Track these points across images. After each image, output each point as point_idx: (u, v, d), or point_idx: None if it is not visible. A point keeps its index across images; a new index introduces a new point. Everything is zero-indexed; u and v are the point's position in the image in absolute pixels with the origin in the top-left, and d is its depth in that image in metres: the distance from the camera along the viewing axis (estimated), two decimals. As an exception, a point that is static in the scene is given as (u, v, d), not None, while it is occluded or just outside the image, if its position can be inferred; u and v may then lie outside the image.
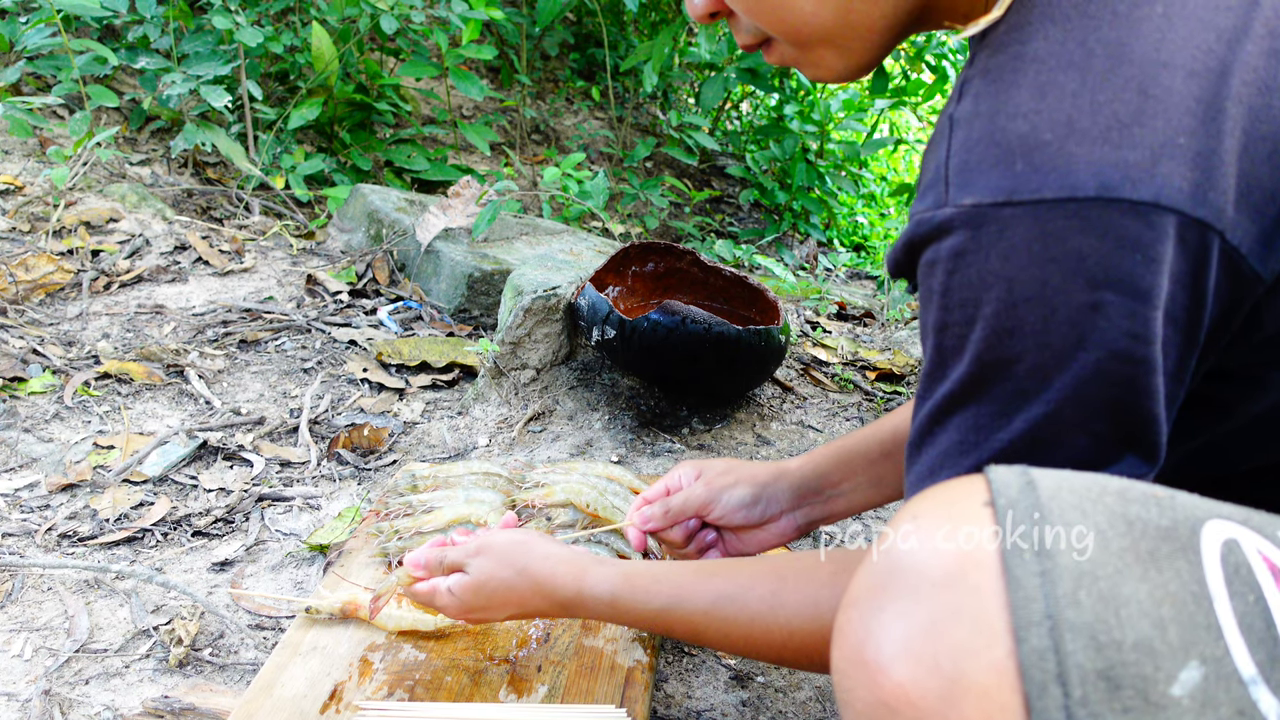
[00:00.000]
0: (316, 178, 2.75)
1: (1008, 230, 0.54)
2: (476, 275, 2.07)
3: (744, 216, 3.61)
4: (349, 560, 1.13)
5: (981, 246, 0.55)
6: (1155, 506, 0.47)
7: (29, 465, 1.43)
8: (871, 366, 1.97)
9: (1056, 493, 0.48)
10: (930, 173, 0.59)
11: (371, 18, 2.65)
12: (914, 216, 0.59)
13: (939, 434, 0.60)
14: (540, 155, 3.38)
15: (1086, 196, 0.52)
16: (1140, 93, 0.53)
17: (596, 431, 1.61)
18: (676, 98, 4.09)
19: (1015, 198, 0.53)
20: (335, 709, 0.89)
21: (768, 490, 0.98)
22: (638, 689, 0.94)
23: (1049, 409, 0.56)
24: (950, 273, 0.57)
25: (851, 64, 0.68)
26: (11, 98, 2.36)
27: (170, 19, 2.49)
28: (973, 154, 0.56)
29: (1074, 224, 0.52)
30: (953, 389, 0.59)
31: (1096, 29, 0.55)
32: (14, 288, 1.91)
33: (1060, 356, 0.54)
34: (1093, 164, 0.52)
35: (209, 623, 1.13)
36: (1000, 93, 0.56)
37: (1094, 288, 0.53)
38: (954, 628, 0.45)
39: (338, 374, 1.78)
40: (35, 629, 1.11)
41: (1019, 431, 0.57)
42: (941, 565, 0.47)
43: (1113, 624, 0.43)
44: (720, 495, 0.97)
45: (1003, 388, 0.57)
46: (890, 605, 0.48)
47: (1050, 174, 0.53)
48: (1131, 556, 0.45)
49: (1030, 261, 0.53)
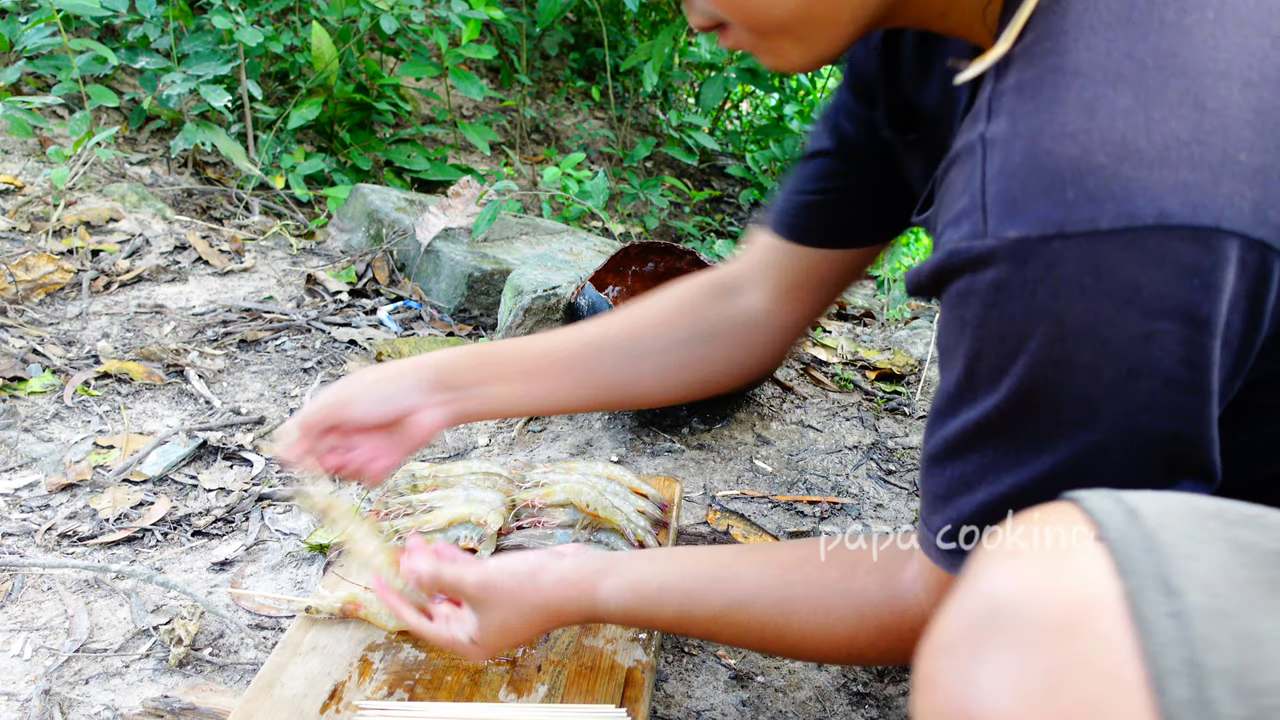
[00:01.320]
0: (316, 178, 2.75)
1: (1057, 265, 0.50)
2: (476, 275, 2.07)
3: (744, 216, 3.61)
4: (349, 560, 1.13)
5: (1027, 282, 0.51)
6: (1258, 529, 0.43)
7: (29, 465, 1.43)
8: (871, 366, 1.97)
9: (1163, 520, 0.43)
10: (963, 198, 0.55)
11: (371, 17, 2.65)
12: (945, 245, 0.55)
13: (972, 453, 0.58)
14: (540, 155, 3.38)
15: (1144, 225, 0.48)
16: (1197, 107, 0.49)
17: (596, 431, 1.62)
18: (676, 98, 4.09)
19: (1067, 229, 0.50)
20: (335, 709, 0.89)
21: (395, 384, 0.93)
22: (638, 689, 0.94)
23: (1097, 437, 0.53)
24: (989, 306, 0.53)
25: (811, 55, 0.63)
26: (11, 97, 2.36)
27: (170, 19, 2.49)
28: (1015, 180, 0.52)
29: (1130, 255, 0.49)
30: (987, 413, 0.56)
31: (1144, 38, 0.51)
32: (14, 288, 1.91)
33: (1111, 387, 0.52)
34: (1150, 189, 0.49)
35: (209, 623, 1.13)
36: (1042, 110, 0.52)
37: (1150, 318, 0.50)
38: (1080, 680, 0.41)
39: (338, 374, 1.78)
40: (35, 629, 1.11)
41: (1064, 456, 0.54)
42: (1057, 610, 0.42)
43: (1255, 666, 0.39)
44: (351, 398, 0.92)
45: (1046, 416, 0.54)
46: (997, 655, 0.43)
47: (1106, 202, 0.49)
48: (1259, 589, 0.41)
49: (1081, 295, 0.50)
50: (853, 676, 1.10)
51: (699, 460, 1.56)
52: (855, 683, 1.10)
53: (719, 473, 1.53)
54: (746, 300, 0.98)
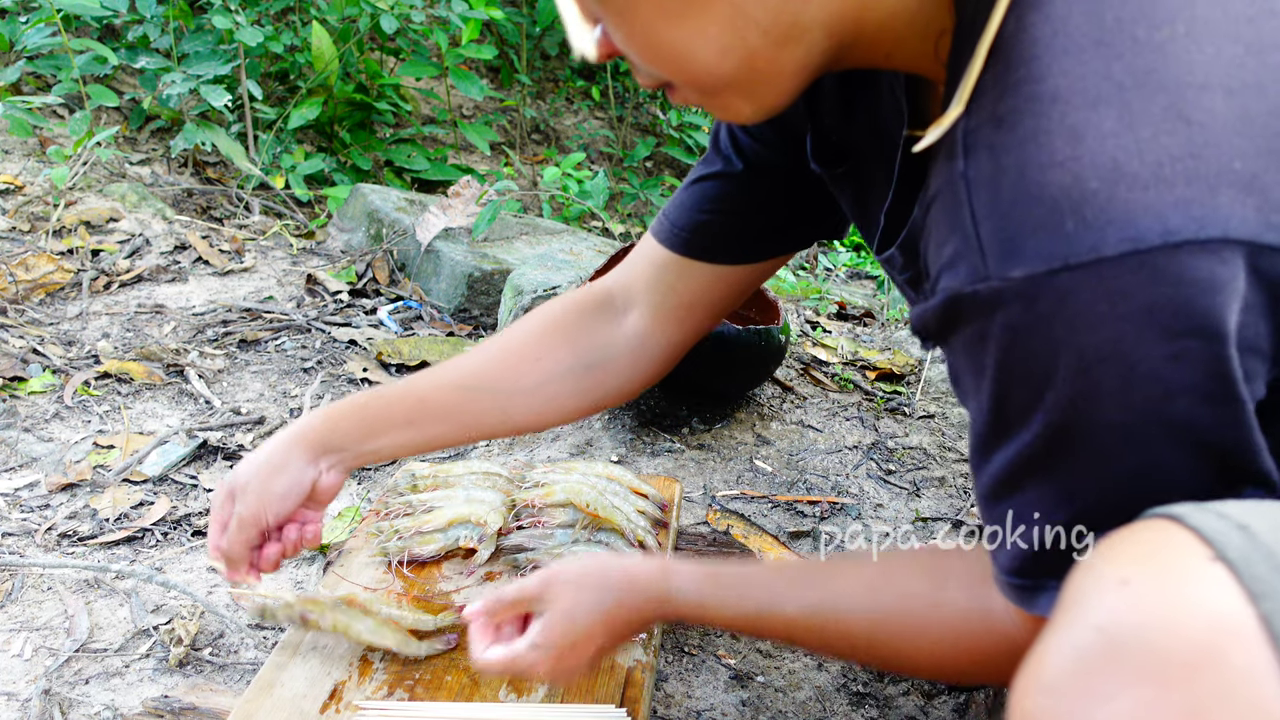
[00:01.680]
0: (316, 177, 2.75)
1: (1069, 298, 0.49)
2: (476, 275, 2.07)
3: (744, 216, 3.61)
4: (349, 560, 1.13)
5: (1041, 319, 0.50)
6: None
7: (29, 465, 1.43)
8: (871, 366, 1.97)
9: (1275, 533, 0.41)
10: (951, 239, 0.54)
11: (371, 17, 2.65)
12: (944, 290, 0.54)
13: (1019, 490, 0.57)
14: (540, 155, 3.38)
15: (1150, 246, 0.47)
16: (1183, 121, 0.49)
17: (596, 431, 1.62)
18: (676, 97, 4.09)
19: (1072, 261, 0.48)
20: (335, 709, 0.89)
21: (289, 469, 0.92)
22: (638, 689, 0.94)
23: (1141, 458, 0.52)
24: (1007, 348, 0.53)
25: (761, 107, 0.62)
26: (11, 97, 2.36)
27: (170, 19, 2.49)
28: (1009, 218, 0.50)
29: (1141, 277, 0.48)
30: (1025, 450, 0.55)
31: (1119, 57, 0.50)
32: (14, 288, 1.91)
33: (1146, 411, 0.51)
34: (1150, 209, 0.48)
35: (209, 622, 1.13)
36: (1025, 141, 0.51)
37: (1173, 338, 0.49)
38: (1222, 716, 0.38)
39: (338, 374, 1.78)
40: (35, 629, 1.11)
41: (1110, 482, 0.53)
42: (1188, 641, 0.40)
43: None
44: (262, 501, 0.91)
45: (1083, 446, 0.53)
46: (1121, 694, 0.40)
47: (1107, 228, 0.48)
48: None
49: (1098, 324, 0.49)
50: (853, 676, 1.10)
51: (699, 460, 1.56)
52: (855, 683, 1.10)
53: (719, 473, 1.53)
54: (631, 322, 0.98)
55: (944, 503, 1.51)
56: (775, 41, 0.56)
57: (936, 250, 0.56)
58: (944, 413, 1.81)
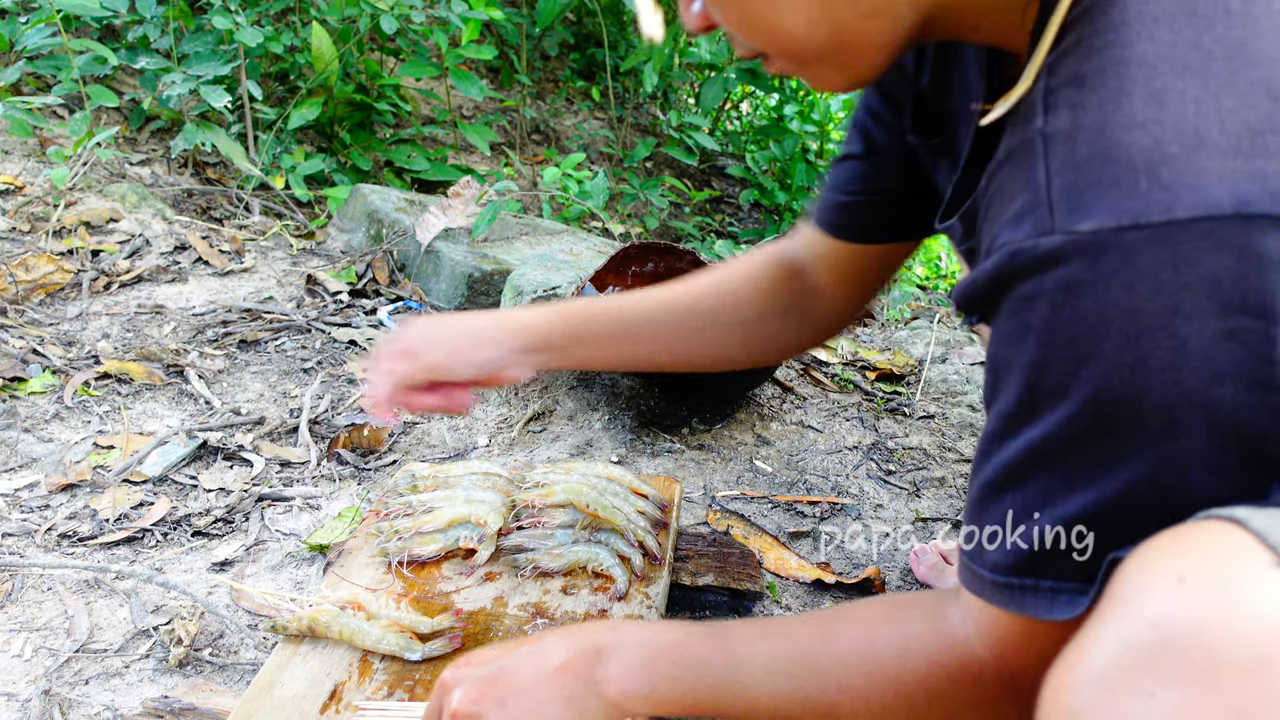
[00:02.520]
0: (316, 178, 2.75)
1: (1133, 257, 0.48)
2: (476, 275, 2.07)
3: (744, 216, 3.61)
4: (349, 560, 1.13)
5: (1101, 277, 0.49)
6: None
7: (29, 465, 1.43)
8: (871, 366, 1.97)
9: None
10: (1023, 196, 0.53)
11: (371, 18, 2.65)
12: (1005, 247, 0.53)
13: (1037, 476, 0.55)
14: (540, 155, 3.38)
15: (1223, 214, 0.47)
16: (1270, 96, 0.48)
17: (596, 431, 1.62)
18: (676, 98, 4.09)
19: (1143, 219, 0.48)
20: (335, 709, 0.89)
21: (489, 343, 0.95)
22: (638, 689, 0.94)
23: (1180, 446, 0.50)
24: (1058, 307, 0.51)
25: (850, 78, 0.64)
26: (11, 98, 2.36)
27: (170, 19, 2.49)
28: (1084, 173, 0.50)
29: (1208, 245, 0.47)
30: (1054, 430, 0.53)
31: (1210, 28, 0.50)
32: (14, 288, 1.91)
33: (1191, 391, 0.49)
34: (1227, 178, 0.47)
35: (209, 623, 1.13)
36: (1108, 101, 0.50)
37: (1229, 314, 0.48)
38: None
39: (338, 374, 1.78)
40: (35, 629, 1.11)
41: (1142, 470, 0.51)
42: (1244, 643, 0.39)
43: None
44: (450, 358, 0.94)
45: (1122, 427, 0.51)
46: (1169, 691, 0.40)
47: (1182, 191, 0.47)
48: None
49: (1158, 290, 0.48)
50: None
51: (699, 460, 1.56)
52: (855, 683, 1.10)
53: (719, 473, 1.53)
54: (812, 281, 1.01)
55: (944, 503, 1.51)
56: (862, 14, 0.59)
57: (1001, 209, 0.55)
58: (944, 413, 1.81)
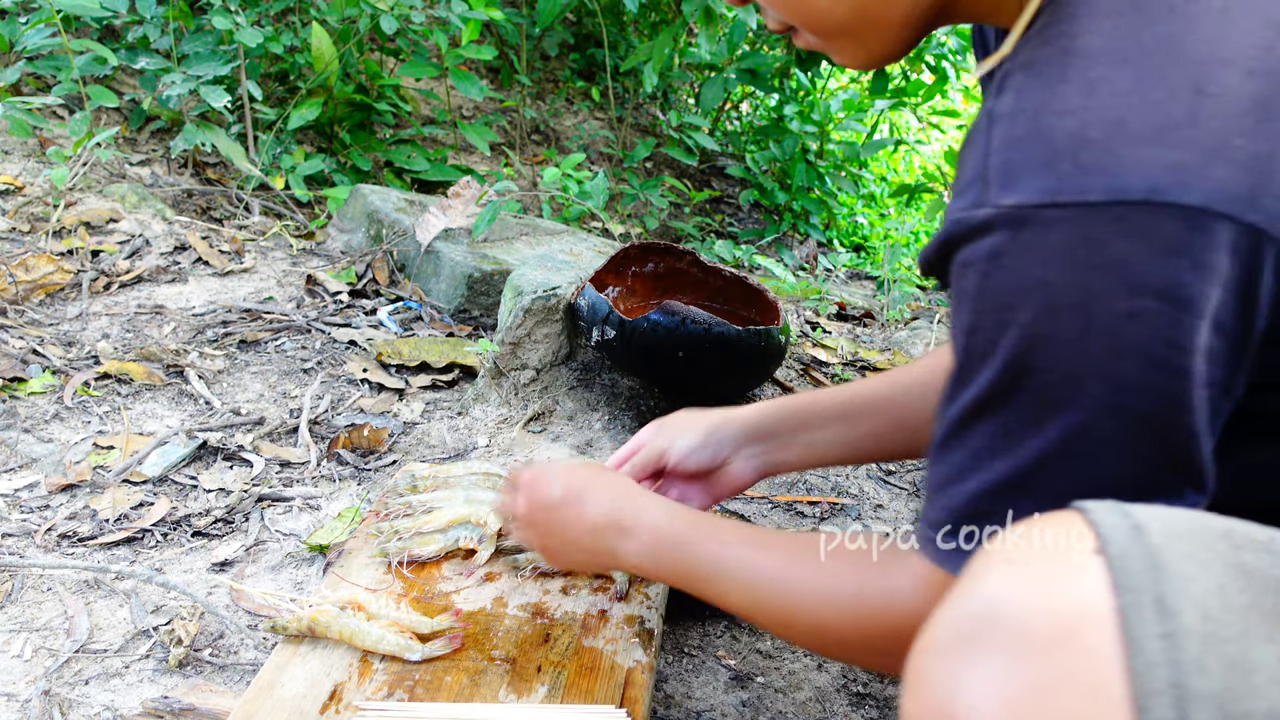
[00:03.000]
0: (316, 178, 2.75)
1: (1050, 233, 0.52)
2: (476, 275, 2.07)
3: (744, 217, 3.61)
4: (349, 560, 1.13)
5: (1022, 249, 0.53)
6: (1266, 554, 0.43)
7: (29, 465, 1.43)
8: (871, 367, 1.97)
9: (1168, 540, 0.44)
10: (969, 170, 0.57)
11: (371, 18, 2.65)
12: (950, 215, 0.57)
13: (966, 437, 0.59)
14: (540, 155, 3.38)
15: (1134, 200, 0.50)
16: (1195, 91, 0.51)
17: (596, 432, 1.61)
18: (676, 98, 4.09)
19: (1059, 199, 0.51)
20: (335, 709, 0.89)
21: (715, 434, 1.01)
22: (638, 689, 0.94)
23: (1083, 417, 0.54)
24: (985, 275, 0.55)
25: (873, 54, 0.68)
26: (11, 98, 2.36)
27: (170, 19, 2.49)
28: (1016, 152, 0.54)
29: (1119, 228, 0.50)
30: (980, 393, 0.57)
31: (1151, 24, 0.53)
32: (14, 288, 1.91)
33: (1096, 365, 0.52)
34: (1141, 165, 0.50)
35: (209, 623, 1.13)
36: (1045, 87, 0.54)
37: (1136, 295, 0.51)
38: (1065, 693, 0.41)
39: (338, 374, 1.78)
40: (35, 629, 1.11)
41: (1053, 440, 0.55)
42: (1050, 621, 0.43)
43: (1242, 693, 0.39)
44: (672, 442, 1.02)
45: (1033, 394, 0.55)
46: (986, 659, 0.43)
47: (1097, 175, 0.51)
48: (1256, 615, 0.41)
49: (1071, 266, 0.52)
50: (853, 677, 1.10)
51: (699, 461, 1.56)
52: (855, 683, 1.10)
53: (719, 473, 1.53)
54: None
55: (944, 503, 1.51)
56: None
57: (958, 179, 0.59)
58: (944, 413, 1.81)
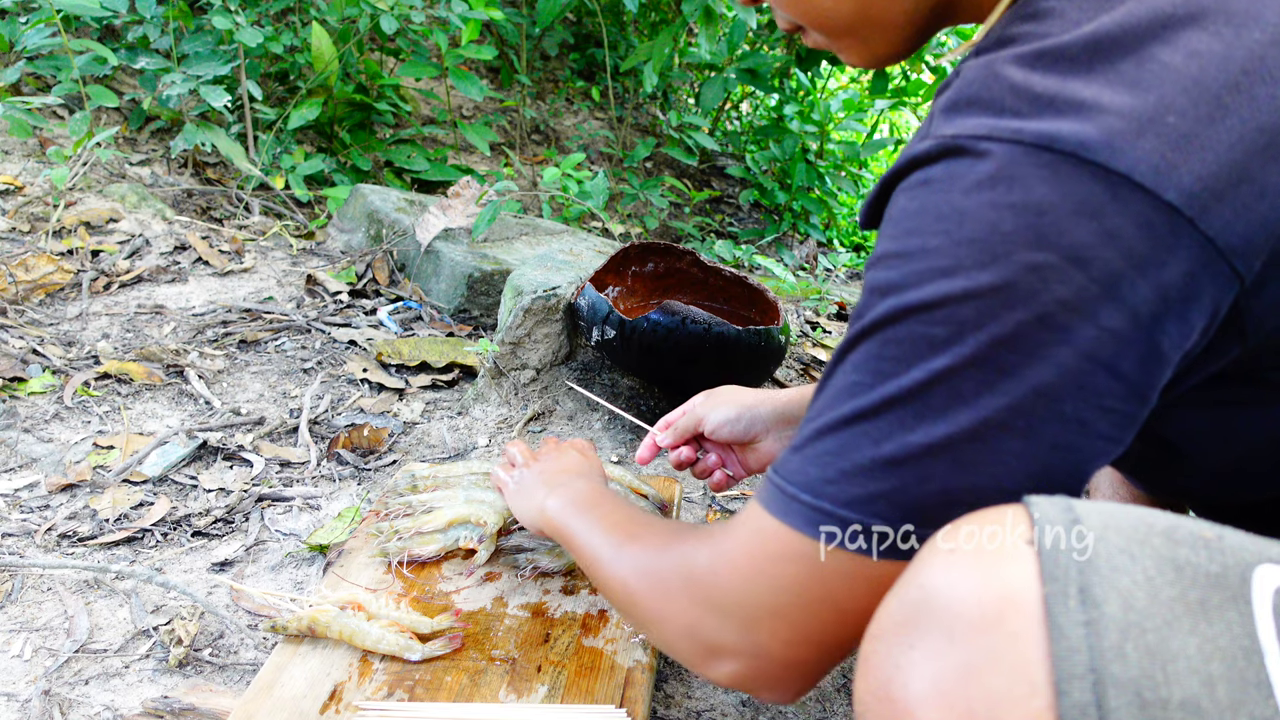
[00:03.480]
0: (316, 178, 2.75)
1: (979, 164, 0.53)
2: (476, 275, 2.07)
3: (744, 217, 3.61)
4: (349, 560, 1.13)
5: (949, 175, 0.54)
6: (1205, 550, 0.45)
7: (29, 465, 1.43)
8: (871, 367, 1.97)
9: (1104, 533, 0.45)
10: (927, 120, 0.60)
11: (371, 18, 2.65)
12: (900, 155, 0.59)
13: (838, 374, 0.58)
14: (540, 155, 3.38)
15: (1064, 150, 0.51)
16: (1137, 64, 0.53)
17: (596, 431, 1.61)
18: (676, 98, 4.09)
19: (995, 133, 0.53)
20: (335, 709, 0.89)
21: (751, 411, 1.08)
22: (638, 689, 0.94)
23: (951, 363, 0.53)
24: (910, 198, 0.56)
25: (877, 54, 0.70)
26: (11, 98, 2.36)
27: (170, 19, 2.49)
28: (963, 94, 0.56)
29: (1043, 174, 0.51)
30: (864, 324, 0.57)
31: (1110, 7, 0.55)
32: (14, 288, 1.91)
33: (985, 311, 0.52)
34: (1077, 120, 0.52)
35: (209, 623, 1.13)
36: (1005, 46, 0.57)
37: (1040, 247, 0.51)
38: (990, 675, 0.43)
39: (338, 374, 1.78)
40: (35, 629, 1.11)
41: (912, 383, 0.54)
42: (979, 607, 0.45)
43: (1159, 680, 0.41)
44: (710, 412, 1.10)
45: (910, 329, 0.55)
46: (921, 643, 0.46)
47: (1034, 120, 0.53)
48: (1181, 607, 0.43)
49: (990, 201, 0.52)
50: (853, 677, 1.10)
51: (699, 460, 1.56)
52: (855, 683, 1.09)
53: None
54: None
55: (944, 503, 1.51)
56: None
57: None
58: (944, 413, 1.80)
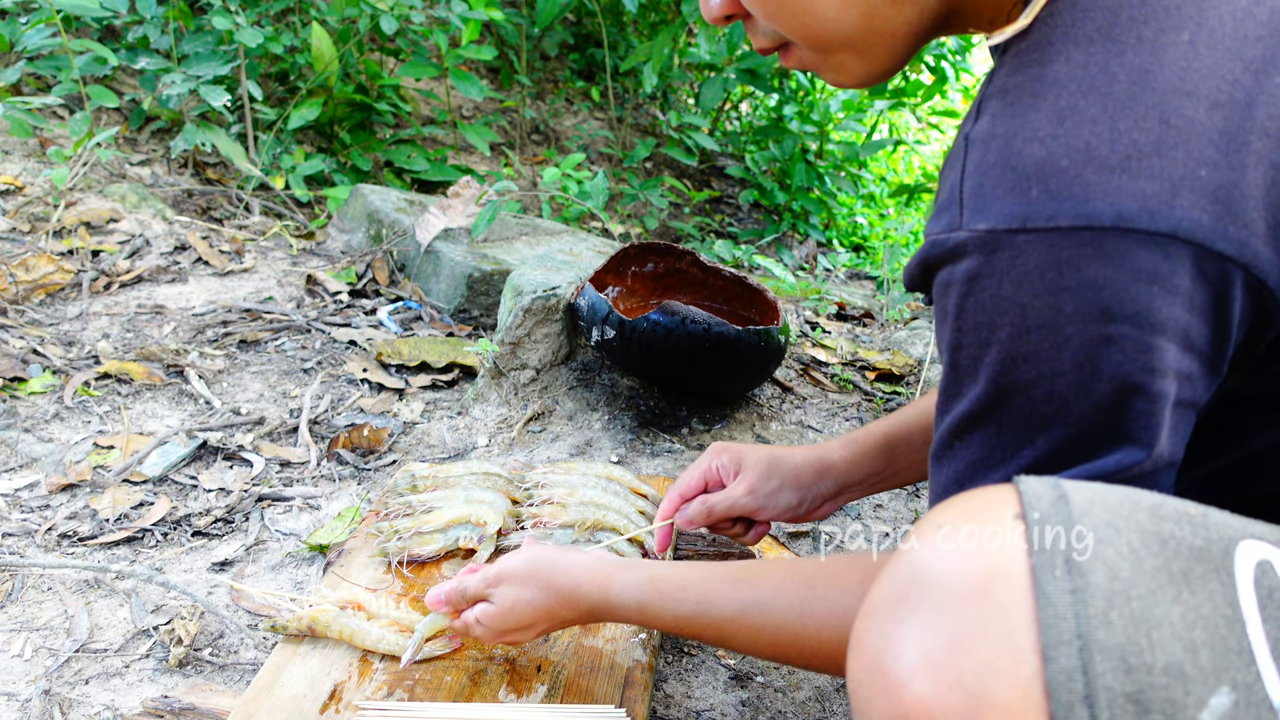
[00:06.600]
0: (316, 178, 2.75)
1: (1021, 257, 0.53)
2: (476, 275, 2.07)
3: (744, 217, 3.61)
4: (349, 560, 1.13)
5: (995, 272, 0.55)
6: (1189, 525, 0.46)
7: (29, 465, 1.43)
8: (871, 367, 1.97)
9: (1089, 508, 0.47)
10: (945, 193, 0.59)
11: (371, 18, 2.65)
12: (929, 237, 0.59)
13: (960, 449, 0.60)
14: (540, 155, 3.38)
15: (1103, 226, 0.51)
16: (1162, 122, 0.52)
17: (596, 432, 1.62)
18: (676, 98, 4.09)
19: (1030, 224, 0.53)
20: (335, 709, 0.90)
21: (812, 491, 1.01)
22: (637, 689, 0.94)
23: (1071, 431, 0.55)
24: (964, 296, 0.56)
25: (873, 69, 0.67)
26: (11, 98, 2.36)
27: (170, 19, 2.49)
28: (988, 177, 0.55)
29: (1089, 253, 0.52)
30: (971, 408, 0.59)
31: (1120, 54, 0.54)
32: (14, 288, 1.91)
33: (1075, 386, 0.54)
34: (1110, 193, 0.52)
35: (209, 623, 1.13)
36: (1018, 115, 0.56)
37: (1107, 320, 0.52)
38: (979, 644, 0.44)
39: (338, 374, 1.78)
40: (35, 629, 1.11)
41: (1044, 450, 0.57)
42: (968, 578, 0.46)
43: (1144, 646, 0.42)
44: (767, 502, 1.01)
45: (1021, 410, 0.56)
46: (912, 616, 0.47)
47: (1066, 201, 0.52)
48: (1165, 577, 0.44)
49: (1044, 289, 0.53)
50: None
51: (699, 461, 1.56)
52: (855, 683, 1.10)
53: (719, 473, 1.53)
54: None
55: (943, 503, 1.51)
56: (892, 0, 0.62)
57: (935, 202, 0.61)
58: (943, 413, 1.81)
